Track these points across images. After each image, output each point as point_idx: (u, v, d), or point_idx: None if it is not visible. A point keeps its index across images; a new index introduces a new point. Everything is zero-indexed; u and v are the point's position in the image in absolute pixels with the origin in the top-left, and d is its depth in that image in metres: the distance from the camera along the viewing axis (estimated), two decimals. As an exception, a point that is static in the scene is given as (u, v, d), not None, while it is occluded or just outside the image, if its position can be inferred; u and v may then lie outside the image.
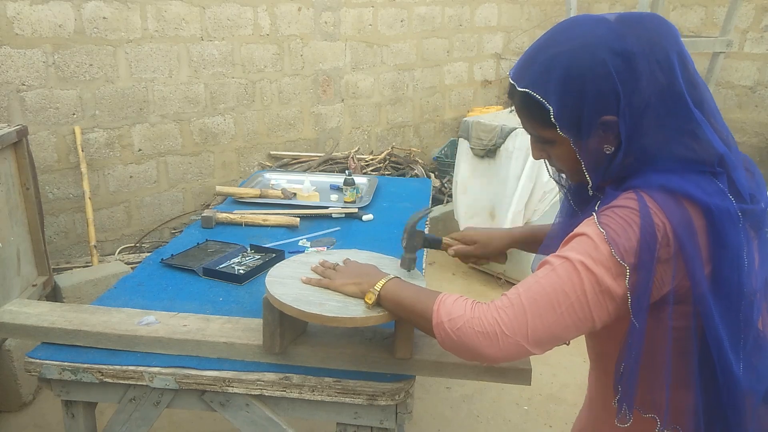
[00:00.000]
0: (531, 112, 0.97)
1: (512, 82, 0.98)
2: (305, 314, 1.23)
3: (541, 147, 1.03)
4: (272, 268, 1.41)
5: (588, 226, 0.92)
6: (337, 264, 1.36)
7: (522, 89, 0.96)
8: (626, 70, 0.89)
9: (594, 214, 0.92)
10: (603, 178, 0.97)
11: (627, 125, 0.91)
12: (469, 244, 1.44)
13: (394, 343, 1.33)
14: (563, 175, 1.09)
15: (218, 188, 2.52)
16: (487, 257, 1.44)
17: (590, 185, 0.99)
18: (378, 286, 1.19)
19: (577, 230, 0.93)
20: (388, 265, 1.43)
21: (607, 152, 0.94)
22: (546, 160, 1.06)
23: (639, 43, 0.90)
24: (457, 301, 0.99)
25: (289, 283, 1.32)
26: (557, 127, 0.94)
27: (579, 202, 1.09)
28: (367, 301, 1.21)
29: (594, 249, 0.89)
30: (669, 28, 0.94)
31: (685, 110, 0.91)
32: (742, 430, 0.93)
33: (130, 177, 3.77)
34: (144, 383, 1.35)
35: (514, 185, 3.41)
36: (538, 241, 1.38)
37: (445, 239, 1.47)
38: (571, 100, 0.91)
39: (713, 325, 0.89)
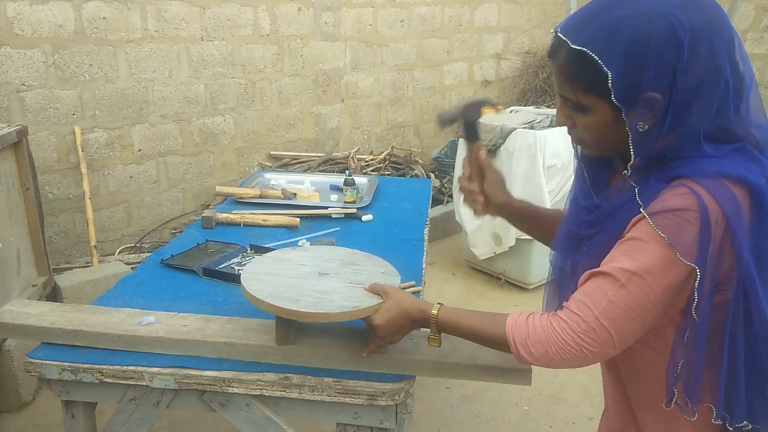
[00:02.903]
0: (576, 74, 0.92)
1: (563, 39, 0.92)
2: (281, 310, 1.26)
3: (570, 113, 0.98)
4: (247, 265, 1.45)
5: (645, 234, 0.90)
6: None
7: (577, 47, 0.90)
8: (689, 46, 0.86)
9: (645, 215, 0.90)
10: (637, 157, 0.93)
11: (676, 103, 0.88)
12: (492, 176, 1.33)
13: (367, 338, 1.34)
14: (579, 147, 1.05)
15: (218, 188, 2.53)
16: (484, 194, 1.33)
17: (631, 162, 0.94)
18: (433, 331, 1.18)
19: (633, 235, 0.92)
20: (363, 261, 1.48)
21: (641, 130, 0.91)
22: (568, 129, 1.01)
23: (701, 22, 0.87)
24: (530, 336, 1.00)
25: (264, 280, 1.36)
26: (611, 94, 0.89)
27: (595, 182, 1.06)
28: (433, 344, 1.23)
29: (657, 256, 0.89)
30: (724, 14, 0.91)
31: (732, 94, 0.90)
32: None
33: (130, 177, 3.77)
34: (144, 383, 1.35)
35: (514, 185, 3.41)
36: (529, 218, 1.32)
37: (479, 144, 1.34)
38: (632, 67, 0.87)
39: (760, 304, 0.89)
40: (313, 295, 1.30)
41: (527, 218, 1.33)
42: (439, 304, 1.17)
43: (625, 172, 0.96)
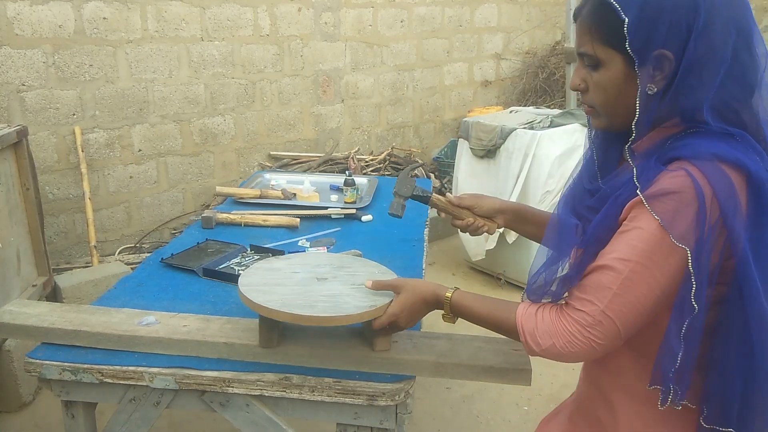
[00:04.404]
0: (597, 25, 0.95)
1: None
2: (300, 317, 1.23)
3: (584, 75, 1.00)
4: (241, 278, 1.39)
5: (641, 219, 0.91)
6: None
7: None
8: (706, 9, 0.88)
9: (642, 199, 0.91)
10: (641, 120, 0.95)
11: (686, 66, 0.89)
12: (472, 201, 1.44)
13: (371, 337, 1.34)
14: (590, 119, 1.06)
15: (218, 188, 2.53)
16: (478, 214, 1.43)
17: (634, 123, 0.95)
18: (446, 311, 1.20)
19: (630, 224, 0.92)
20: (353, 263, 1.47)
21: (650, 93, 0.93)
22: (581, 93, 1.03)
23: None
24: (538, 326, 1.01)
25: (266, 290, 1.33)
26: (626, 42, 0.91)
27: (604, 164, 1.07)
28: (447, 321, 1.23)
29: (655, 242, 0.89)
30: (747, 2, 0.93)
31: (743, 74, 0.91)
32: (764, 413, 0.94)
33: (130, 177, 3.77)
34: (144, 383, 1.35)
35: (513, 185, 3.41)
36: (522, 219, 1.40)
37: (435, 195, 1.46)
38: (649, 15, 0.89)
39: (761, 303, 0.89)
40: (324, 300, 1.29)
41: (516, 218, 1.41)
42: (454, 288, 1.20)
43: (629, 144, 0.98)
